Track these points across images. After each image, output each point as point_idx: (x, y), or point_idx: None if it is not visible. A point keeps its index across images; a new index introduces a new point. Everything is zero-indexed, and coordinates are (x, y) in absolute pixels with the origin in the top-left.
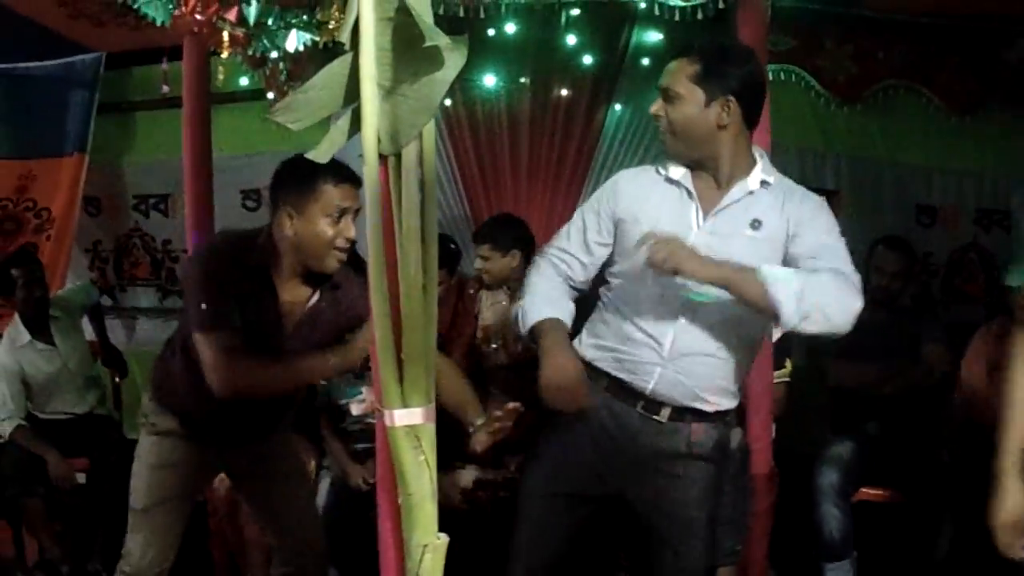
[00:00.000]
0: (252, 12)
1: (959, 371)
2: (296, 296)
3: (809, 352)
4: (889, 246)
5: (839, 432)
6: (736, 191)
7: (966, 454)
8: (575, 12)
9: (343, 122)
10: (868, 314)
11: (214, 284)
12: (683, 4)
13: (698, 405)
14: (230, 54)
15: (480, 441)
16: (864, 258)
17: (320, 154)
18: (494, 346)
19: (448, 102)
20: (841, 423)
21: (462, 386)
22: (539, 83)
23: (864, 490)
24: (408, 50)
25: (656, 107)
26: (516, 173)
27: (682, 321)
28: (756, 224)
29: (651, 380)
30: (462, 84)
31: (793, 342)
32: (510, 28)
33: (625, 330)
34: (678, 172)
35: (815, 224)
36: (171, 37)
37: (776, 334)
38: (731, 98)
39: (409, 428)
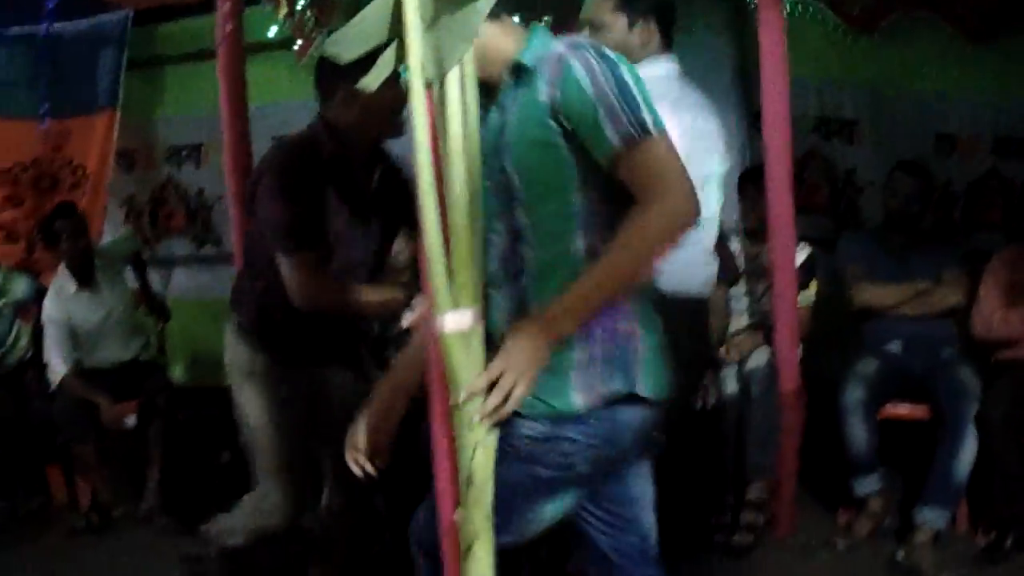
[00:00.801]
0: None
1: (977, 293)
2: (366, 177)
3: (834, 277)
4: (905, 171)
5: (863, 352)
6: None
7: (984, 373)
8: None
9: (389, 53)
10: (890, 238)
11: (297, 197)
12: None
13: None
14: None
15: None
16: (882, 184)
17: (369, 83)
18: None
19: None
20: (865, 343)
21: None
22: (561, 23)
23: (889, 407)
24: None
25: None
26: None
27: None
28: None
29: None
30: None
31: (818, 264)
32: None
33: None
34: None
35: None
36: None
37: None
38: (651, 19)
39: (460, 331)
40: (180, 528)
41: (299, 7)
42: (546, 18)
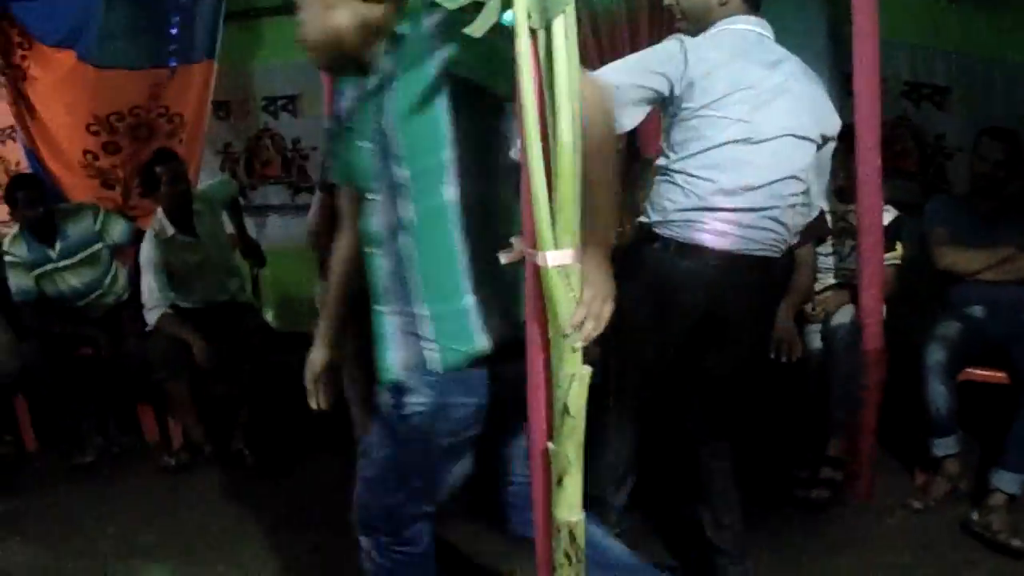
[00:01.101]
0: None
1: None
2: None
3: (920, 240)
4: (992, 136)
5: (946, 315)
6: None
7: None
8: None
9: (495, 1)
10: (977, 204)
11: None
12: None
13: None
14: None
15: None
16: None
17: (476, 29)
18: None
19: None
20: (948, 306)
21: None
22: None
23: (969, 370)
24: None
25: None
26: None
27: None
28: None
29: None
30: None
31: (904, 227)
32: None
33: None
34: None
35: None
36: None
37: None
38: None
39: (561, 267)
40: (268, 469)
41: None
42: None
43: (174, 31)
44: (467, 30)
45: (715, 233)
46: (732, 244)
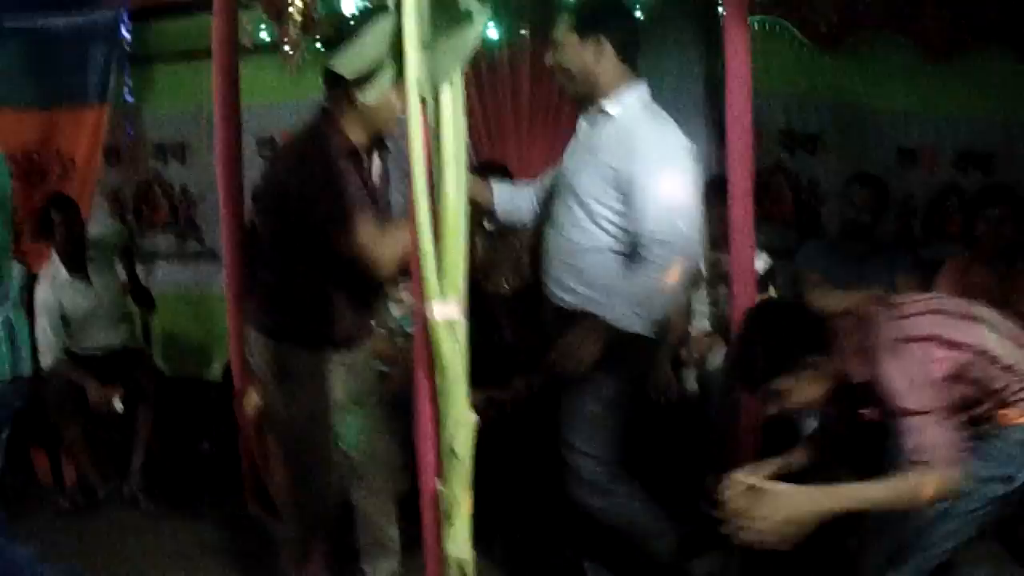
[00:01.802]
0: None
1: None
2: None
3: (793, 283)
4: (860, 182)
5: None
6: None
7: None
8: None
9: (388, 70)
10: (847, 247)
11: (325, 181)
12: None
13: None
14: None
15: None
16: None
17: (369, 97)
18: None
19: None
20: None
21: None
22: (538, 45)
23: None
24: (442, 10)
25: (548, 59)
26: (517, 121)
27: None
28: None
29: None
30: None
31: (776, 274)
32: None
33: None
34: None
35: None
36: None
37: (761, 262)
38: (600, 36)
39: (447, 320)
40: (162, 511)
41: (289, 12)
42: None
43: (67, 72)
44: (361, 97)
45: None
46: None
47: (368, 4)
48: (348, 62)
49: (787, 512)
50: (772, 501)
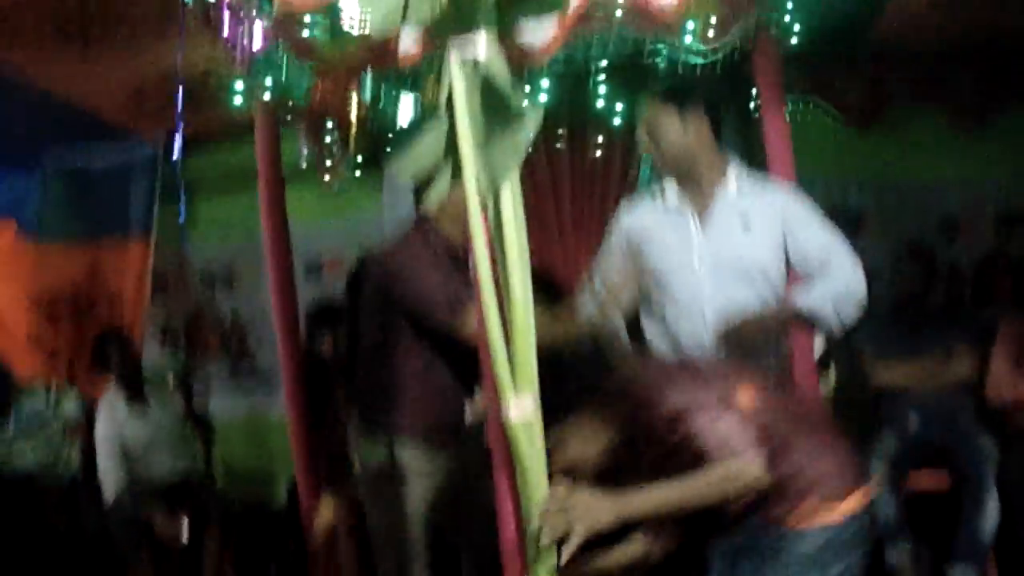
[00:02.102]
0: (368, 87)
1: (989, 363)
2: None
3: (851, 362)
4: (909, 255)
5: (884, 429)
6: (719, 198)
7: (1001, 437)
8: (601, 77)
9: (446, 172)
10: (900, 320)
11: (435, 279)
12: (702, 61)
13: None
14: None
15: None
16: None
17: (431, 202)
18: None
19: None
20: (885, 420)
21: None
22: (575, 147)
23: (913, 476)
24: (494, 111)
25: (643, 144)
26: (562, 232)
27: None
28: (747, 221)
29: None
30: None
31: (833, 354)
32: (542, 97)
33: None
34: (670, 191)
35: (808, 220)
36: (228, 125)
37: (818, 344)
38: (700, 112)
39: (523, 420)
40: None
41: (326, 138)
42: None
43: (110, 205)
44: (423, 205)
45: None
46: None
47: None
48: (405, 167)
49: (589, 521)
50: (573, 509)
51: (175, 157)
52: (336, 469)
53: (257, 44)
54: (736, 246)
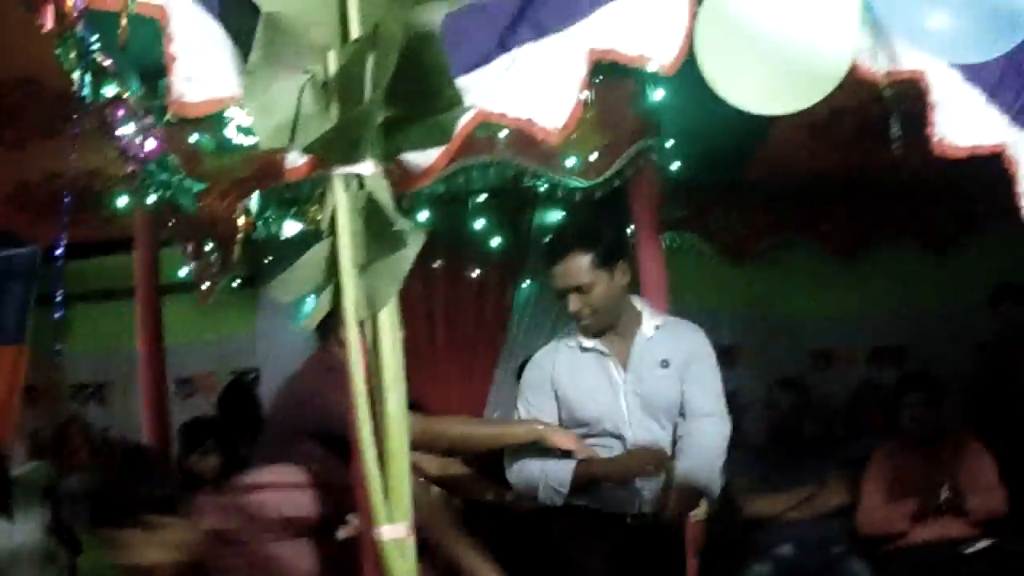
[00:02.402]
0: (255, 205)
1: (861, 492)
2: None
3: (724, 492)
4: (782, 387)
5: (756, 559)
6: (638, 341)
7: (875, 564)
8: (481, 199)
9: (326, 294)
10: (773, 450)
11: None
12: (585, 185)
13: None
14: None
15: None
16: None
17: (310, 323)
18: None
19: None
20: (758, 550)
21: None
22: (451, 265)
23: None
24: (377, 233)
25: (574, 305)
26: (434, 354)
27: None
28: (665, 364)
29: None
30: None
31: None
32: (421, 216)
33: None
34: (589, 341)
35: (703, 367)
36: (111, 231)
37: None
38: (623, 260)
39: (396, 540)
40: None
41: (206, 251)
42: None
43: None
44: (300, 326)
45: None
46: None
47: (304, 229)
48: (284, 287)
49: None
50: None
51: (59, 261)
52: None
53: (150, 146)
54: (656, 385)
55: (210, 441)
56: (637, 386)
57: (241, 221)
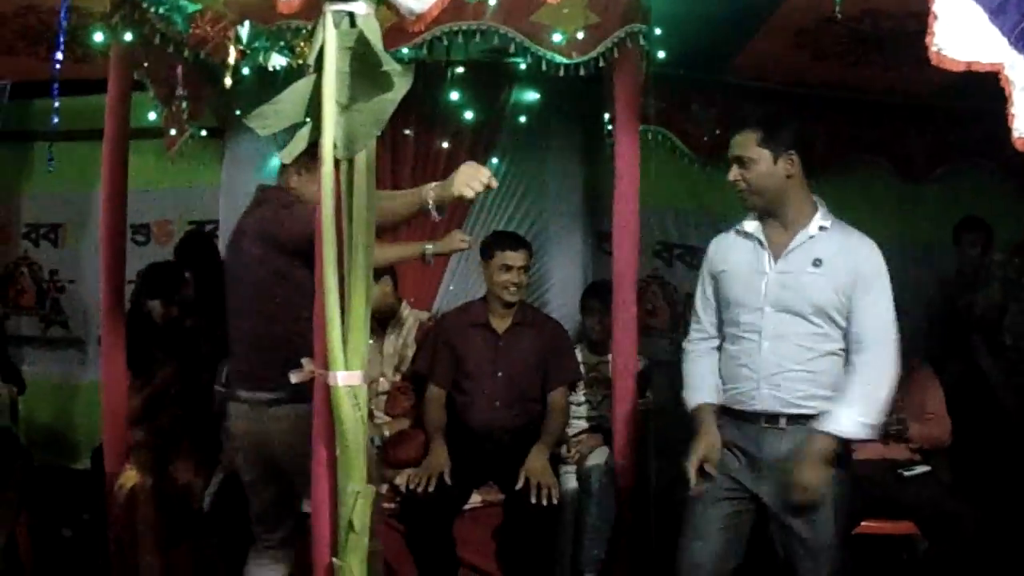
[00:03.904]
0: (245, 34)
1: None
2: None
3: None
4: None
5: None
6: (800, 236)
7: None
8: (459, 70)
9: (305, 130)
10: None
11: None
12: (568, 62)
13: (794, 411)
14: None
15: None
16: None
17: (286, 155)
18: None
19: None
20: None
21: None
22: (422, 135)
23: None
24: (363, 73)
25: (733, 174)
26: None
27: (766, 345)
28: (818, 263)
29: (755, 401)
30: None
31: (653, 374)
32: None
33: (732, 369)
34: (751, 225)
35: (871, 288)
36: (80, 71)
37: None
38: (792, 152)
39: (350, 388)
40: None
41: (176, 95)
42: None
43: None
44: (279, 155)
45: None
46: None
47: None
48: (265, 121)
49: None
50: None
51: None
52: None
53: None
54: (802, 282)
55: (169, 287)
56: (783, 278)
57: (232, 51)
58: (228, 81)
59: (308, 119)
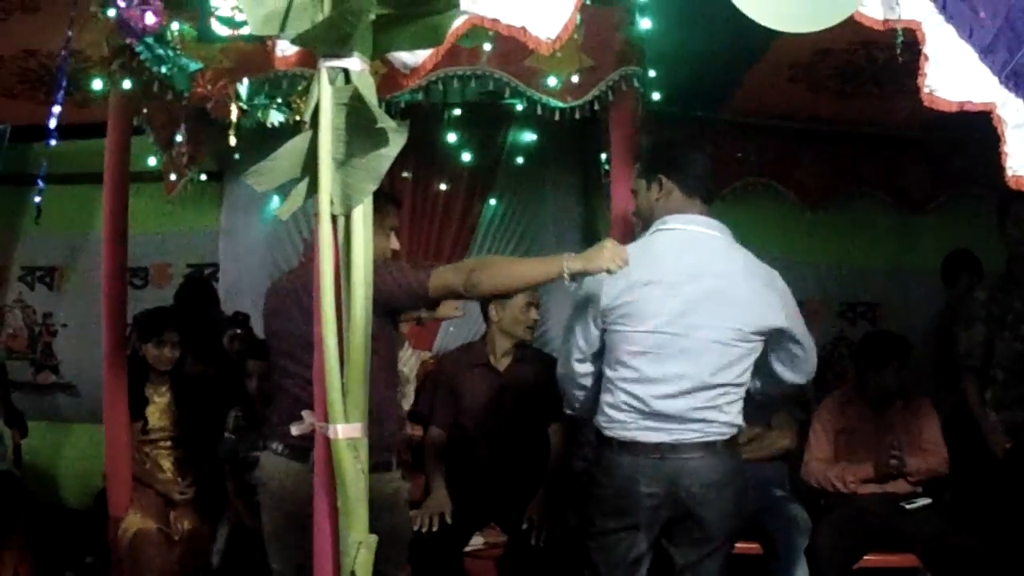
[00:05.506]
0: (244, 90)
1: (807, 439)
2: None
3: None
4: None
5: None
6: None
7: (812, 510)
8: (457, 112)
9: (301, 187)
10: None
11: None
12: (563, 106)
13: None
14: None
15: None
16: None
17: (283, 212)
18: None
19: None
20: None
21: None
22: (420, 177)
23: None
24: (359, 129)
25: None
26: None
27: None
28: None
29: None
30: None
31: None
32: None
33: None
34: None
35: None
36: (80, 115)
37: None
38: (661, 177)
39: (350, 440)
40: None
41: (176, 141)
42: None
43: None
44: (277, 212)
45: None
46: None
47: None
48: (261, 177)
49: None
50: None
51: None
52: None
53: (150, 20)
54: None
55: (168, 332)
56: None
57: (233, 109)
58: (232, 140)
59: (305, 174)
